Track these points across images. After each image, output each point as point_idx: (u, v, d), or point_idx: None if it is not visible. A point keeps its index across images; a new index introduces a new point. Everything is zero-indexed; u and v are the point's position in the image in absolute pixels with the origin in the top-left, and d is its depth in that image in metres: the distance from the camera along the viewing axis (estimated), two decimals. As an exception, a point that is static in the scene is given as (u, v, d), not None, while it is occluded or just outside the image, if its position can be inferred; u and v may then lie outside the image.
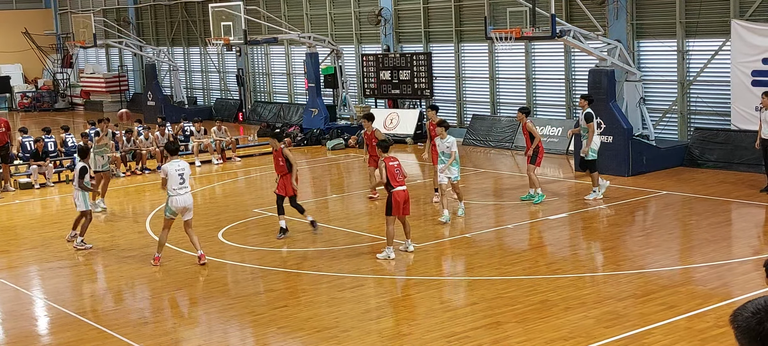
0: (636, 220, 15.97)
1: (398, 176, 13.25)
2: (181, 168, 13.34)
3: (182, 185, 13.27)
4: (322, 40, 29.00)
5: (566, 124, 23.29)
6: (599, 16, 21.85)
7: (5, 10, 46.62)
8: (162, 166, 14.01)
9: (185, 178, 13.31)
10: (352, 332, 10.36)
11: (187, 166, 13.56)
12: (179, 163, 13.42)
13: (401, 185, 13.27)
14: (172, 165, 13.31)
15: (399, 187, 13.21)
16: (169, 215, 13.42)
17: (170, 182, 13.21)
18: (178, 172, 13.26)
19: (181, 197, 13.25)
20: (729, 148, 19.71)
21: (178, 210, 13.34)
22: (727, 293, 11.24)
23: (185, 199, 13.31)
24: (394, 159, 13.47)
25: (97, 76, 43.62)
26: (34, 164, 22.04)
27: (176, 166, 13.30)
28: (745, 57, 19.42)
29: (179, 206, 13.29)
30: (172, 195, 13.24)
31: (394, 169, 13.23)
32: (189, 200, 13.36)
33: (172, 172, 13.23)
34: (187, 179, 13.34)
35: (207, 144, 24.70)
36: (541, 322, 10.32)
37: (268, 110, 33.69)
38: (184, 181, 13.30)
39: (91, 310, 11.88)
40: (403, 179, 13.34)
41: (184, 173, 13.31)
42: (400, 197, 13.19)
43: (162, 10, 39.70)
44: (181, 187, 13.26)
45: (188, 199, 13.35)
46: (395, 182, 13.18)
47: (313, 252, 14.24)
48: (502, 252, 14.00)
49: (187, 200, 13.31)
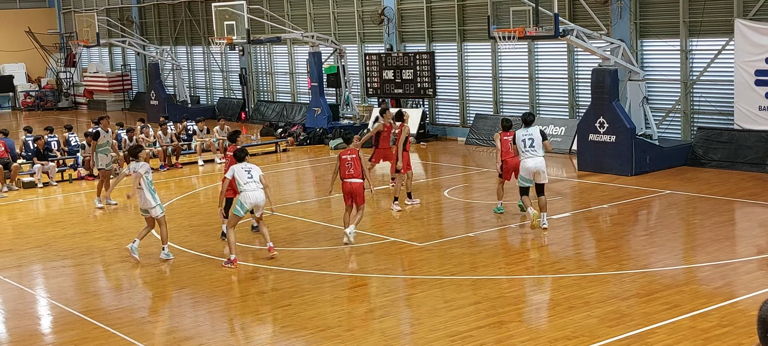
0: (639, 219, 15.95)
1: (350, 169, 14.28)
2: (249, 167, 13.56)
3: (251, 179, 13.45)
4: (325, 39, 29.00)
5: (569, 123, 23.29)
6: (602, 15, 21.84)
7: (9, 9, 46.67)
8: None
9: (253, 175, 13.49)
10: (355, 331, 10.36)
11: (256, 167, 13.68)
12: (247, 164, 13.64)
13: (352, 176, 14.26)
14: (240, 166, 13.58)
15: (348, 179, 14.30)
16: (238, 213, 13.53)
17: (238, 180, 13.41)
18: (244, 169, 13.49)
19: (252, 193, 13.41)
20: (732, 148, 19.69)
21: (250, 206, 13.48)
22: (730, 293, 11.23)
23: (257, 195, 13.44)
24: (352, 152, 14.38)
25: (101, 75, 43.65)
26: (38, 163, 22.07)
27: (244, 166, 13.55)
28: (749, 56, 19.40)
29: (250, 202, 13.43)
30: (243, 192, 13.37)
31: (346, 162, 14.30)
32: (260, 197, 13.49)
33: (238, 170, 13.50)
34: (255, 175, 13.49)
35: (210, 143, 24.71)
36: (544, 321, 10.32)
37: (271, 110, 33.70)
38: (253, 176, 13.47)
39: (95, 308, 11.88)
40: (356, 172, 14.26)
41: (251, 170, 13.52)
42: (346, 188, 14.32)
43: (165, 10, 39.71)
44: (249, 183, 13.41)
45: (260, 195, 13.48)
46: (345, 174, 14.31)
47: (317, 251, 14.23)
48: (506, 251, 14.00)
49: (258, 197, 13.46)
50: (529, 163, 14.76)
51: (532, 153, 14.73)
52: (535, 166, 14.75)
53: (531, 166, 14.75)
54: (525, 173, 14.84)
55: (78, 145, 23.77)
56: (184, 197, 19.85)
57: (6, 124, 34.50)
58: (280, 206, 17.29)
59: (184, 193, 20.43)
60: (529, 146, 14.73)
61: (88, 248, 15.27)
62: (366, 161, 14.63)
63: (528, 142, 14.75)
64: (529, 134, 14.84)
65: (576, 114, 23.53)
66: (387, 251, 14.13)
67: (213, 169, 23.62)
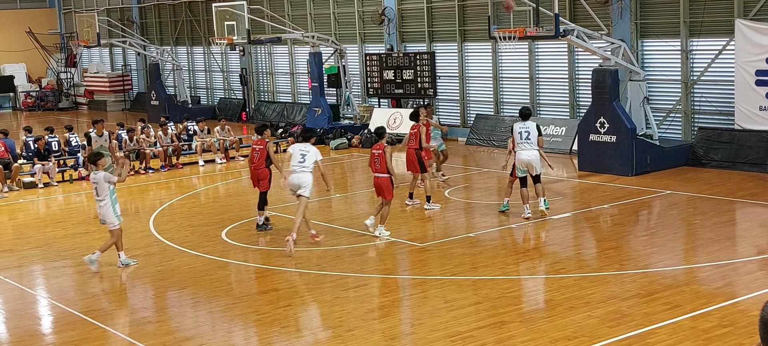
0: (640, 219, 15.95)
1: (376, 164, 14.55)
2: (306, 149, 14.16)
3: (301, 162, 14.00)
4: (326, 39, 29.00)
5: (570, 123, 23.29)
6: (603, 15, 21.83)
7: (9, 9, 46.68)
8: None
9: (306, 157, 14.01)
10: (355, 331, 10.35)
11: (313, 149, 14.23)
12: (306, 146, 14.30)
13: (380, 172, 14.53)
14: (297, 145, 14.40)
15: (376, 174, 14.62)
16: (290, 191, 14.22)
17: (292, 159, 14.10)
18: (301, 151, 14.13)
19: (295, 175, 13.97)
20: (733, 148, 19.68)
21: (290, 186, 14.05)
22: (731, 293, 11.22)
23: (298, 177, 13.93)
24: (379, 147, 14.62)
25: (101, 75, 43.66)
26: (38, 163, 22.08)
27: (301, 147, 14.24)
28: (750, 56, 19.39)
29: (291, 182, 14.01)
30: (291, 170, 14.05)
31: (374, 157, 14.63)
32: (303, 179, 13.91)
33: (294, 150, 14.23)
34: (308, 159, 13.99)
35: (210, 143, 24.71)
36: (545, 321, 10.31)
37: (272, 110, 33.71)
38: (304, 159, 13.99)
39: (95, 309, 11.88)
40: (382, 168, 14.50)
41: (307, 153, 14.05)
42: (375, 183, 14.68)
43: (166, 10, 39.72)
44: (299, 165, 13.99)
45: (302, 177, 13.92)
46: (373, 168, 14.62)
47: (317, 251, 14.23)
48: (506, 251, 14.00)
49: (301, 178, 13.90)
50: (523, 156, 15.38)
51: (528, 146, 15.35)
52: (529, 158, 15.36)
53: (525, 158, 15.37)
54: (520, 164, 15.45)
55: (78, 146, 23.76)
56: (185, 197, 19.85)
57: (6, 124, 34.51)
58: (280, 206, 17.29)
59: (185, 193, 20.44)
60: (526, 139, 15.38)
61: (88, 248, 15.24)
62: (391, 156, 14.78)
63: (524, 135, 15.40)
64: (526, 127, 15.46)
65: (576, 114, 23.53)
66: (388, 251, 14.13)
67: (213, 170, 23.63)
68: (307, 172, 13.97)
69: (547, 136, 23.38)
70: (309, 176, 13.98)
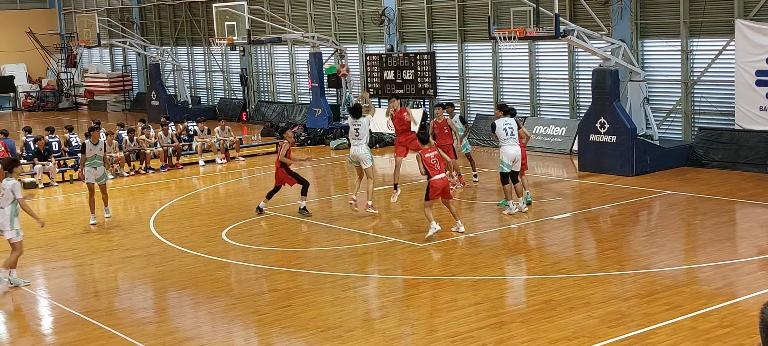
0: (640, 220, 15.95)
1: (436, 166, 14.30)
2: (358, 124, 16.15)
3: (356, 137, 16.14)
4: (326, 39, 29.01)
5: (570, 123, 23.29)
6: (603, 15, 21.83)
7: (9, 9, 46.69)
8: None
9: (359, 130, 16.13)
10: (356, 331, 10.35)
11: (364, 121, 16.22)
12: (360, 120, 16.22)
13: (439, 172, 14.27)
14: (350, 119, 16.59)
15: (437, 176, 14.23)
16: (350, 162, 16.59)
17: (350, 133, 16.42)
18: (354, 125, 16.18)
19: (353, 147, 16.25)
20: (733, 148, 19.68)
21: (350, 159, 16.56)
22: (731, 293, 11.22)
23: (356, 149, 16.21)
24: (432, 149, 14.56)
25: (101, 75, 43.67)
26: (39, 164, 22.07)
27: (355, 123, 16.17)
28: (750, 57, 19.39)
29: (351, 154, 16.44)
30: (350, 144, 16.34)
31: (430, 160, 14.24)
32: (360, 150, 16.17)
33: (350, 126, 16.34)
34: (362, 133, 16.15)
35: (210, 144, 24.71)
36: (545, 322, 10.31)
37: (272, 110, 33.71)
38: (358, 134, 16.13)
39: (95, 309, 11.88)
40: (442, 168, 14.40)
41: (360, 127, 16.12)
42: (438, 185, 14.20)
43: (166, 10, 39.72)
44: (355, 139, 16.17)
45: (359, 149, 16.18)
46: (433, 171, 14.21)
47: (317, 251, 14.24)
48: (507, 252, 14.00)
49: (358, 150, 16.17)
50: (511, 151, 15.88)
51: (514, 141, 15.96)
52: (516, 153, 15.96)
53: (512, 153, 15.89)
54: (507, 159, 15.84)
55: (79, 146, 23.73)
56: (185, 198, 19.85)
57: (6, 124, 34.49)
58: (280, 206, 17.30)
59: (185, 193, 20.43)
60: (511, 134, 15.92)
61: (88, 249, 15.27)
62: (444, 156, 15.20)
63: (509, 131, 15.92)
64: (509, 123, 16.02)
65: (576, 114, 23.53)
66: (388, 251, 14.12)
67: (214, 170, 23.63)
68: (363, 143, 16.08)
69: (548, 137, 23.40)
70: (365, 148, 16.12)
